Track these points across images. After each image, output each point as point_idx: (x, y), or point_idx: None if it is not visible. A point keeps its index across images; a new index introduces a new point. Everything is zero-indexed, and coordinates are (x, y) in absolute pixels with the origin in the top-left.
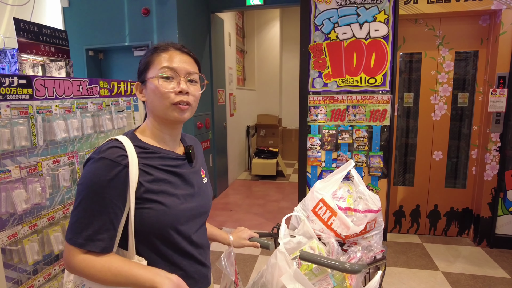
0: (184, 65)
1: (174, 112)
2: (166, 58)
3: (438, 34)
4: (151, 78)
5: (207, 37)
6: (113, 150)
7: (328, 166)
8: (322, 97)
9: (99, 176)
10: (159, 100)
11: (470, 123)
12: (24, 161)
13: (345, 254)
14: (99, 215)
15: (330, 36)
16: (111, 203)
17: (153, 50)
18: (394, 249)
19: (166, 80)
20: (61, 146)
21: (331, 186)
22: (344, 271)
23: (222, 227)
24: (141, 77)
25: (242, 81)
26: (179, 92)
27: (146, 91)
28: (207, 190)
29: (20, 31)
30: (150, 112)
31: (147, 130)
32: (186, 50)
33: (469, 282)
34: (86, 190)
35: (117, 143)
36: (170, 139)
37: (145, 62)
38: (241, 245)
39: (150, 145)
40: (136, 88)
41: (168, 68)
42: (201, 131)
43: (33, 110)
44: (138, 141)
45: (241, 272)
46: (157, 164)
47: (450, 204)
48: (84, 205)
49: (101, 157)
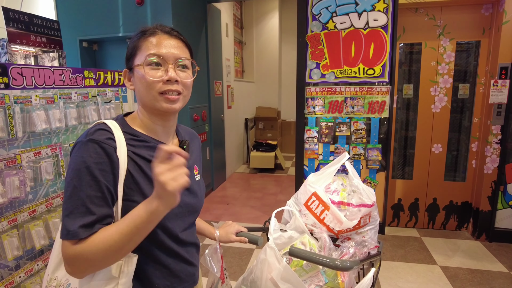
0: (172, 51)
1: (162, 103)
2: (153, 43)
3: (439, 24)
4: (138, 66)
5: (203, 27)
6: (101, 133)
7: (326, 159)
8: (319, 88)
9: (90, 159)
10: (146, 90)
11: (471, 115)
12: (3, 153)
13: (338, 250)
14: (96, 200)
15: (328, 25)
16: (106, 187)
17: (140, 34)
18: (392, 242)
19: (154, 67)
20: (45, 138)
21: (324, 180)
22: (335, 268)
23: (211, 221)
24: (129, 63)
25: (240, 73)
26: (167, 80)
27: (133, 79)
28: (198, 188)
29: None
30: (139, 101)
31: (137, 119)
32: (176, 34)
33: (467, 276)
34: (78, 176)
35: (105, 126)
36: (162, 130)
37: (132, 47)
38: (228, 240)
39: (141, 133)
40: (124, 76)
41: (155, 55)
42: (198, 123)
43: (10, 100)
44: (128, 127)
45: (236, 266)
46: (146, 155)
47: (449, 198)
48: (80, 192)
49: (90, 139)
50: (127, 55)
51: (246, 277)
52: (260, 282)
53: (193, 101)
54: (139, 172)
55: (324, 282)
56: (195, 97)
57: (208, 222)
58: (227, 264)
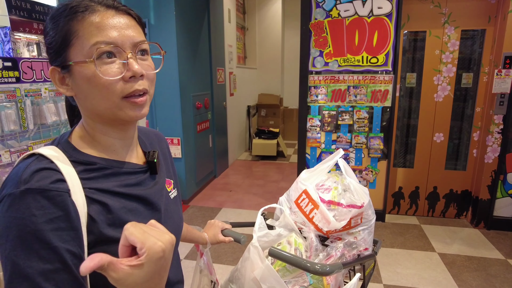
0: (127, 33)
1: (128, 110)
2: (97, 25)
3: (444, 12)
4: (81, 63)
5: (205, 13)
6: (42, 174)
7: (328, 147)
8: (323, 76)
9: (34, 219)
10: (102, 96)
11: (473, 105)
12: (16, 145)
13: (324, 251)
14: (57, 276)
15: (332, 13)
16: (68, 252)
17: (68, 12)
18: (391, 230)
19: (106, 61)
20: (54, 129)
21: (316, 177)
22: (314, 272)
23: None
24: (59, 59)
25: (242, 59)
26: (130, 77)
27: (72, 81)
28: (176, 209)
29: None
30: (87, 111)
31: (86, 136)
32: (124, 7)
33: (464, 263)
34: (19, 248)
35: (43, 161)
36: (121, 145)
37: (61, 34)
38: (216, 241)
39: (96, 158)
40: (52, 77)
41: (107, 43)
42: (200, 111)
43: (21, 93)
44: (77, 153)
45: (234, 260)
46: (110, 186)
47: (450, 186)
48: (25, 270)
49: (25, 189)
50: (52, 45)
51: (232, 273)
52: (243, 280)
53: (196, 89)
54: (105, 215)
55: (309, 283)
56: (198, 84)
57: (191, 227)
58: (222, 253)
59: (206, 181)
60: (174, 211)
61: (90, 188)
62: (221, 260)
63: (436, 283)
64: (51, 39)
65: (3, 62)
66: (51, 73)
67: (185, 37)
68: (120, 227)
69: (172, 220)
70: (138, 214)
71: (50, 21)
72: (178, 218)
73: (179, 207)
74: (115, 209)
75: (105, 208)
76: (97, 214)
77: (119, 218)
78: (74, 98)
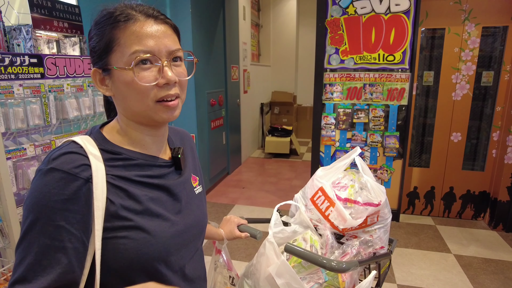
0: (164, 42)
1: (160, 113)
2: (136, 34)
3: (465, 8)
4: (121, 69)
5: (220, 11)
6: (67, 158)
7: (342, 146)
8: (338, 74)
9: (49, 196)
10: (138, 99)
11: (493, 104)
12: (39, 139)
13: (340, 248)
14: (52, 252)
15: (348, 10)
16: (69, 234)
17: (111, 20)
18: (406, 230)
19: (144, 68)
20: (74, 124)
21: (332, 174)
22: (330, 269)
23: (210, 221)
24: (101, 62)
25: (256, 56)
26: (165, 84)
27: (112, 83)
28: (200, 205)
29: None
30: (124, 110)
31: (118, 130)
32: (162, 17)
33: (481, 266)
34: (32, 217)
35: (74, 146)
36: (152, 141)
37: (105, 40)
38: (233, 237)
39: (123, 149)
40: (94, 77)
41: (145, 52)
42: (214, 108)
43: (45, 88)
44: (106, 142)
45: (247, 256)
46: (132, 175)
47: (467, 187)
48: (30, 239)
49: (50, 168)
50: (95, 50)
51: (247, 268)
52: (259, 275)
53: (211, 86)
54: (126, 199)
55: (324, 280)
56: (213, 82)
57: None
58: (237, 248)
59: (219, 177)
60: (198, 206)
61: (113, 175)
62: (234, 256)
63: (452, 285)
64: (95, 44)
65: (30, 58)
66: (93, 74)
67: (200, 34)
68: (144, 213)
69: (193, 214)
70: (161, 202)
71: (95, 27)
72: (201, 214)
73: (203, 203)
74: (137, 195)
75: (125, 193)
76: (116, 198)
77: (142, 204)
78: (112, 97)
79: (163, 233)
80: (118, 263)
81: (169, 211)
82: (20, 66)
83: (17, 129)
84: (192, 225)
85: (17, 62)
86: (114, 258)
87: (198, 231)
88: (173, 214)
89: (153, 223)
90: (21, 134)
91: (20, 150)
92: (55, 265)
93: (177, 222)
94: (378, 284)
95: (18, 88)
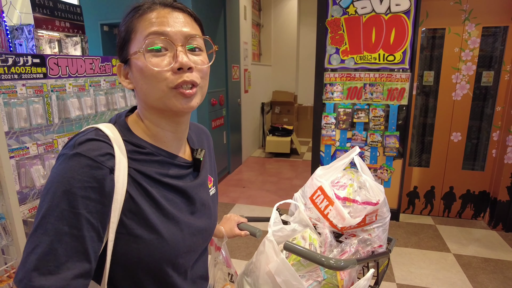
0: (180, 27)
1: (174, 101)
2: (152, 20)
3: (465, 8)
4: (135, 55)
5: (221, 10)
6: (94, 144)
7: (343, 145)
8: (338, 74)
9: (73, 181)
10: (150, 85)
11: (494, 104)
12: (41, 138)
13: (339, 247)
14: (69, 240)
15: (349, 10)
16: (87, 223)
17: (133, 12)
18: (406, 229)
19: (157, 53)
20: (76, 124)
21: (331, 174)
22: (328, 267)
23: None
24: (123, 54)
25: (257, 56)
26: (178, 69)
27: (131, 74)
28: (213, 205)
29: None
30: (142, 102)
31: (140, 124)
32: (181, 5)
33: (481, 265)
34: (51, 201)
35: (100, 134)
36: (173, 138)
37: (124, 31)
38: (233, 235)
39: (147, 143)
40: (118, 72)
41: (157, 34)
42: (215, 108)
43: (47, 88)
44: (131, 134)
45: (247, 254)
46: (153, 172)
47: (467, 187)
48: (47, 224)
49: (76, 153)
50: (118, 43)
51: (247, 266)
52: (258, 273)
53: (212, 86)
54: (144, 196)
55: (323, 278)
56: (214, 81)
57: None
58: (237, 246)
59: (220, 177)
60: (210, 210)
61: (134, 168)
62: (235, 254)
63: (451, 284)
64: (119, 37)
65: (32, 58)
66: (118, 69)
67: None
68: (159, 214)
69: (206, 216)
70: (175, 204)
71: (121, 22)
72: (213, 217)
73: (215, 206)
74: (155, 195)
75: (144, 191)
76: (136, 194)
77: (159, 205)
78: (134, 92)
79: (175, 237)
80: (127, 259)
81: (183, 214)
82: (23, 66)
83: (20, 128)
84: (203, 229)
85: (20, 62)
86: (124, 254)
87: (208, 234)
88: (186, 218)
89: (167, 226)
90: (24, 133)
91: (23, 149)
92: (72, 254)
93: (189, 226)
94: (377, 282)
95: (21, 88)
